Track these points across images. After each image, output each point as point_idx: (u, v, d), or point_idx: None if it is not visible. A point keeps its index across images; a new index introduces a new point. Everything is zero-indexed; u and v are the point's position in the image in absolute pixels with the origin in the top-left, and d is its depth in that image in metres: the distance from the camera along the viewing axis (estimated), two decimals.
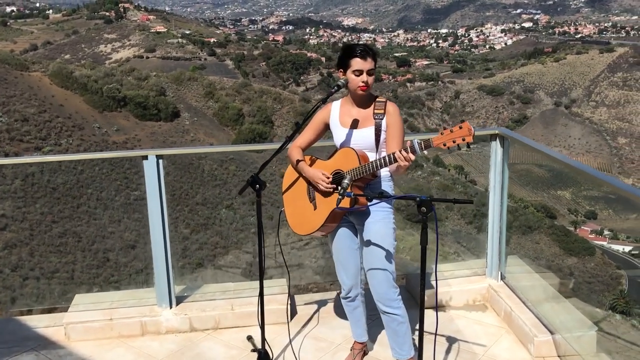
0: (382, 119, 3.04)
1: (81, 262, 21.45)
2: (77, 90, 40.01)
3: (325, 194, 3.05)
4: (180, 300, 3.88)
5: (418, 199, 2.53)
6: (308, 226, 3.13)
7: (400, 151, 2.82)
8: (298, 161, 3.16)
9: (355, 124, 3.09)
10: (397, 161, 2.84)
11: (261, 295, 3.11)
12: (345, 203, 2.83)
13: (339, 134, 3.14)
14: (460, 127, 2.70)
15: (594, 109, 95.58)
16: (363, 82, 2.99)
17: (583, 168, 3.35)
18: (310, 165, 3.18)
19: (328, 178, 3.02)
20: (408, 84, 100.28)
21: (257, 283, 3.19)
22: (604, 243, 47.01)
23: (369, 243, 3.07)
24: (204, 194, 27.62)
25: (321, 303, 4.01)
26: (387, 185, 3.14)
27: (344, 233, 3.19)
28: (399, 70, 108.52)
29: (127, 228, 23.12)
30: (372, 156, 3.05)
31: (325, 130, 3.24)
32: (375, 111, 3.06)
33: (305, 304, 4.02)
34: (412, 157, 2.80)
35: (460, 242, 28.22)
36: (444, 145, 2.69)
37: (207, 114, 46.80)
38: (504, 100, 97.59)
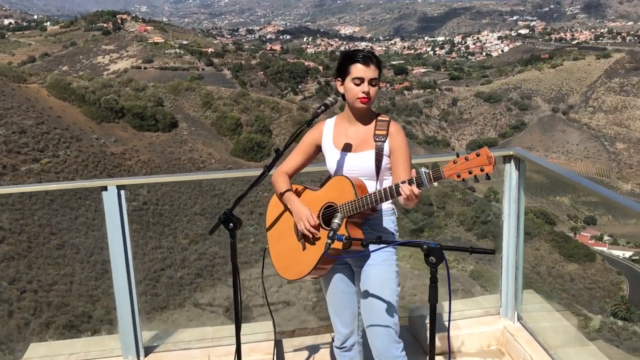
0: (384, 141, 2.56)
1: (79, 274, 21.14)
2: (75, 102, 39.90)
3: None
4: (149, 350, 3.38)
5: (425, 246, 2.10)
6: (296, 270, 2.64)
7: (405, 182, 2.34)
8: (284, 190, 2.67)
9: (352, 147, 2.61)
10: (400, 194, 2.37)
11: (238, 352, 2.62)
12: (337, 247, 2.36)
13: (332, 158, 2.65)
14: (478, 155, 2.20)
15: (592, 114, 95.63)
16: (364, 92, 2.50)
17: (610, 195, 2.91)
18: (298, 195, 2.67)
19: (315, 219, 2.53)
20: (405, 92, 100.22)
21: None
22: (604, 249, 46.94)
23: (367, 290, 2.61)
24: (203, 205, 27.35)
25: (313, 349, 3.51)
26: (389, 221, 2.66)
27: (338, 276, 2.72)
28: (397, 78, 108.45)
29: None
30: (371, 185, 2.58)
31: (317, 153, 2.75)
32: (377, 132, 2.57)
33: (295, 350, 3.51)
34: (418, 191, 2.33)
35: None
36: (458, 176, 2.22)
37: (205, 123, 46.65)
38: (502, 107, 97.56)
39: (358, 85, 2.51)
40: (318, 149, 2.72)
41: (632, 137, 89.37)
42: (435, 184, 2.32)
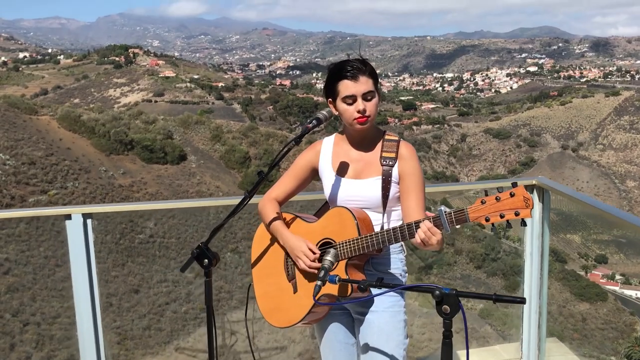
0: (392, 165, 2.18)
1: None
2: (85, 134, 40.24)
3: (311, 273, 2.18)
4: None
5: (438, 292, 1.72)
6: (284, 316, 2.25)
7: (425, 221, 1.96)
8: (273, 220, 2.29)
9: (354, 172, 2.24)
10: (412, 237, 1.98)
11: None
12: (329, 292, 2.00)
13: (330, 185, 2.26)
14: (512, 194, 1.81)
15: (602, 152, 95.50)
16: (359, 111, 2.13)
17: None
18: (289, 226, 2.29)
19: (314, 253, 2.14)
20: (414, 127, 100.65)
21: None
22: (616, 288, 45.99)
23: (369, 344, 2.21)
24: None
25: None
26: (396, 260, 2.27)
27: (335, 324, 2.33)
28: (405, 113, 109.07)
29: (131, 272, 22.62)
30: (377, 218, 2.20)
31: (312, 178, 2.38)
32: (384, 154, 2.20)
33: None
34: (439, 233, 1.97)
35: (469, 287, 27.47)
36: (486, 220, 1.85)
37: (213, 157, 46.80)
38: (511, 144, 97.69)
39: (351, 104, 2.15)
40: (314, 172, 2.35)
41: None
42: (458, 226, 1.93)
